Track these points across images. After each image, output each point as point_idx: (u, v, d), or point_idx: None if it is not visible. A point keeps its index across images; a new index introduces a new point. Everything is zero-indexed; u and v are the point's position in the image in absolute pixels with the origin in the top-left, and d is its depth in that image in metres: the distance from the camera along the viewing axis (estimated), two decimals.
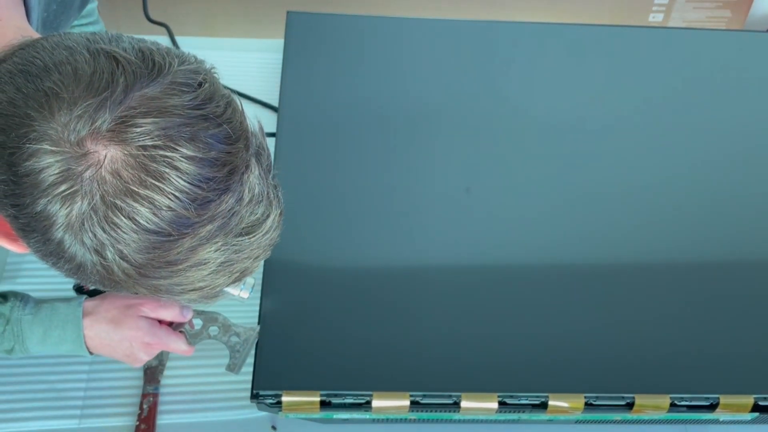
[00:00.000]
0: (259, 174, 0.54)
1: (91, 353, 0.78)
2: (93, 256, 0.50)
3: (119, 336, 0.77)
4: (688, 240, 0.93)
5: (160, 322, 0.80)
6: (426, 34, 1.14)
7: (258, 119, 0.57)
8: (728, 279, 0.90)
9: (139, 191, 0.48)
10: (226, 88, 0.55)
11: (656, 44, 1.17)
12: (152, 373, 0.87)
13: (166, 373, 0.88)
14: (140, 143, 0.48)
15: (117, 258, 0.50)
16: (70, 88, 0.48)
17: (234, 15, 1.37)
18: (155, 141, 0.48)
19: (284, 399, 0.76)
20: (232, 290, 0.77)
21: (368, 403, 0.77)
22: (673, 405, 0.79)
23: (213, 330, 0.82)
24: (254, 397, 0.76)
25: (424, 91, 1.06)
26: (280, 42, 1.11)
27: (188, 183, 0.49)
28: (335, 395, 0.76)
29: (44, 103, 0.48)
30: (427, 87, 1.07)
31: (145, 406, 0.85)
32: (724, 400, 0.79)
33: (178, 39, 1.24)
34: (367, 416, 0.79)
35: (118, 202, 0.48)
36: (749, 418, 0.82)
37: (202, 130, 0.50)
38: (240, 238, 0.53)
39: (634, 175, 0.98)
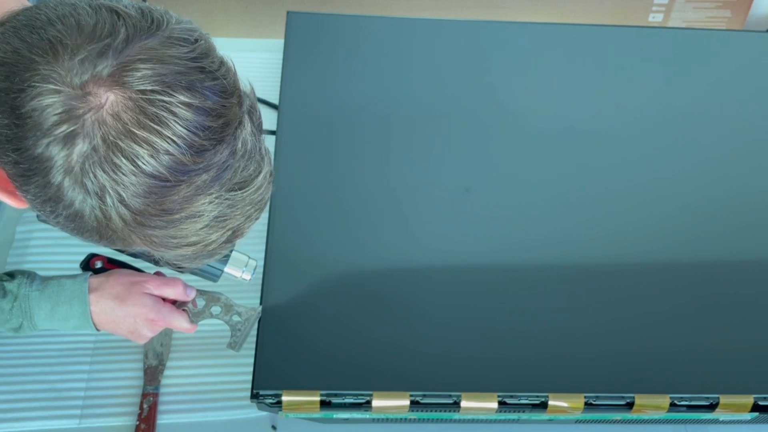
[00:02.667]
0: (252, 131, 0.56)
1: (97, 330, 0.79)
2: (93, 199, 0.52)
3: (124, 312, 0.78)
4: (688, 240, 0.93)
5: (164, 300, 0.81)
6: (426, 34, 1.14)
7: (250, 81, 0.59)
8: (728, 279, 0.90)
9: (139, 133, 0.50)
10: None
11: (656, 44, 1.17)
12: (152, 372, 0.87)
13: (166, 373, 0.88)
14: (139, 87, 0.50)
15: (116, 202, 0.52)
16: (73, 36, 0.50)
17: (234, 15, 1.37)
18: (154, 86, 0.50)
19: (284, 399, 0.76)
20: (235, 272, 0.79)
21: (368, 402, 0.77)
22: (672, 405, 0.79)
23: (215, 309, 0.83)
24: (254, 396, 0.76)
25: (424, 91, 1.06)
26: (280, 42, 1.11)
27: (185, 129, 0.51)
28: (335, 395, 0.77)
29: (48, 50, 0.50)
30: (426, 87, 1.07)
31: (145, 406, 0.85)
32: (723, 399, 0.79)
33: None
34: (367, 416, 0.79)
35: (119, 143, 0.50)
36: (749, 418, 0.82)
37: (198, 81, 0.52)
38: (233, 193, 0.55)
39: (634, 175, 0.98)
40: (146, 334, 0.80)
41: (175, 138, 0.51)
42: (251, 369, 0.78)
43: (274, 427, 0.86)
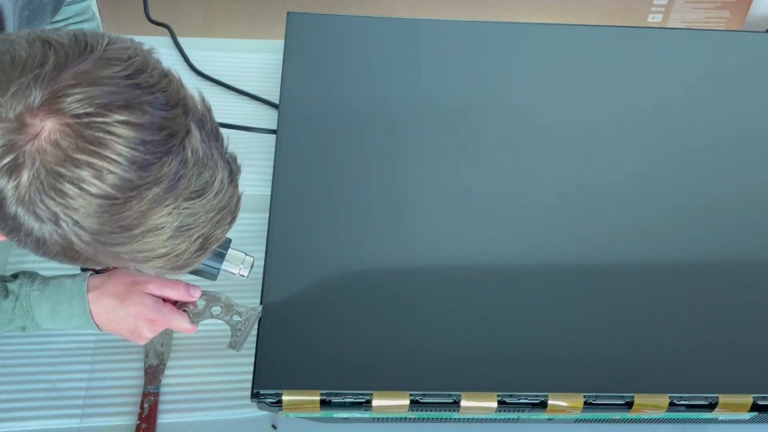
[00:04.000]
0: (202, 138, 0.56)
1: (99, 329, 0.79)
2: (48, 225, 0.53)
3: (124, 312, 0.78)
4: (688, 240, 0.93)
5: (165, 301, 0.81)
6: (426, 35, 1.14)
7: (199, 91, 0.59)
8: (728, 279, 0.90)
9: (79, 157, 0.51)
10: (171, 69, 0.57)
11: (655, 45, 1.17)
12: (153, 372, 0.88)
13: (166, 372, 0.88)
14: (73, 112, 0.50)
15: (72, 227, 0.53)
16: (7, 73, 0.51)
17: (234, 15, 1.37)
18: (87, 109, 0.51)
19: (284, 398, 0.76)
20: (232, 269, 0.79)
21: (368, 402, 0.77)
22: (672, 404, 0.79)
23: (215, 309, 0.83)
24: (255, 396, 0.76)
25: (424, 92, 1.06)
26: (280, 43, 1.11)
27: (125, 146, 0.51)
28: (335, 394, 0.77)
29: None
30: (426, 87, 1.07)
31: (145, 406, 0.85)
32: (723, 399, 0.79)
33: (179, 39, 1.25)
34: (367, 415, 0.80)
35: (61, 170, 0.51)
36: (748, 418, 0.82)
37: (134, 97, 0.52)
38: (191, 202, 0.56)
39: (634, 175, 0.98)
40: (146, 334, 0.80)
41: (115, 157, 0.51)
42: (251, 369, 0.78)
43: (274, 427, 0.86)
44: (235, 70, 1.20)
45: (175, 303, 0.82)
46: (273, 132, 0.99)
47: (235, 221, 0.63)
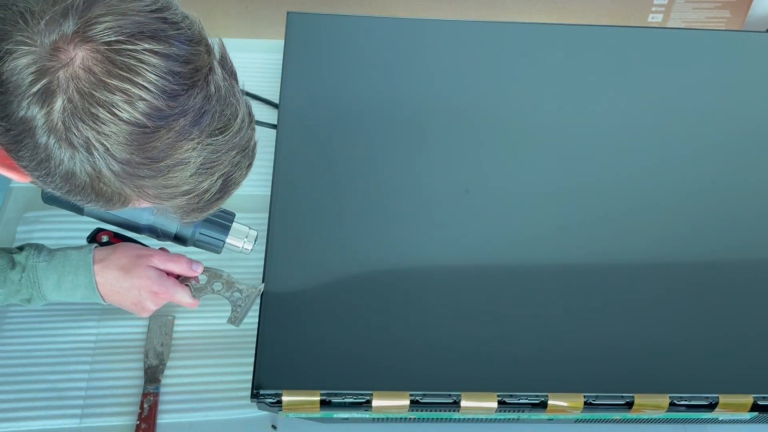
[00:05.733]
0: (223, 77, 0.59)
1: (104, 301, 0.81)
2: (81, 153, 0.54)
3: (128, 284, 0.80)
4: (687, 240, 0.93)
5: (168, 275, 0.83)
6: (426, 35, 1.14)
7: (221, 40, 0.61)
8: (728, 279, 0.90)
9: (111, 82, 0.52)
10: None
11: (656, 45, 1.17)
12: (153, 372, 0.88)
13: (166, 372, 0.88)
14: (104, 40, 0.52)
15: (103, 153, 0.54)
16: (39, 4, 0.53)
17: (234, 15, 1.37)
18: (118, 37, 0.53)
19: (284, 398, 0.76)
20: (236, 242, 0.82)
21: (368, 402, 0.77)
22: (672, 404, 0.79)
23: (217, 285, 0.85)
24: (254, 396, 0.76)
25: (424, 92, 1.06)
26: (280, 42, 1.11)
27: (155, 75, 0.53)
28: (335, 394, 0.77)
29: (19, 20, 0.53)
30: (426, 87, 1.07)
31: (145, 406, 0.85)
32: (723, 399, 0.79)
33: None
34: (367, 415, 0.80)
35: (94, 93, 0.52)
36: (748, 418, 0.82)
37: (161, 30, 0.54)
38: (214, 138, 0.57)
39: (634, 176, 0.98)
40: (149, 306, 0.82)
41: (146, 84, 0.53)
42: (251, 369, 0.78)
43: (274, 427, 0.86)
44: None
45: (177, 277, 0.84)
46: (273, 126, 0.99)
47: (251, 167, 0.65)
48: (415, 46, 1.13)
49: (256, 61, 1.23)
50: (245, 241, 0.81)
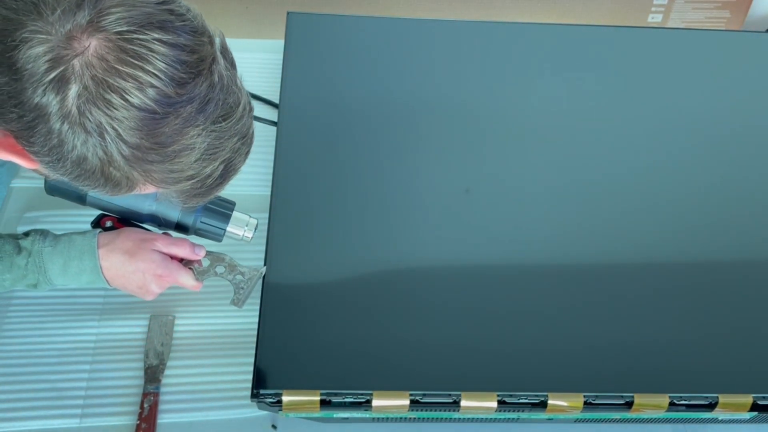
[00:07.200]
0: (225, 66, 0.61)
1: (109, 285, 0.82)
2: (94, 138, 0.56)
3: (133, 267, 0.81)
4: (687, 240, 0.93)
5: (172, 258, 0.84)
6: (426, 35, 1.14)
7: (221, 31, 0.63)
8: (728, 279, 0.90)
9: (123, 69, 0.55)
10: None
11: (655, 45, 1.17)
12: (153, 372, 0.88)
13: (166, 372, 0.88)
14: (116, 29, 0.55)
15: (114, 138, 0.56)
16: None
17: (234, 15, 1.37)
18: (129, 27, 0.55)
19: (284, 398, 0.76)
20: (237, 230, 0.84)
21: (368, 402, 0.77)
22: (672, 404, 0.79)
23: (219, 268, 0.86)
24: (255, 396, 0.76)
25: (424, 92, 1.06)
26: (280, 42, 1.11)
27: (164, 63, 0.56)
28: (335, 394, 0.77)
29: (32, 10, 0.55)
30: (426, 87, 1.07)
31: (146, 405, 0.85)
32: (722, 399, 0.79)
33: None
34: (367, 415, 0.80)
35: (107, 79, 0.54)
36: (748, 417, 0.82)
37: (168, 21, 0.57)
38: (218, 125, 0.60)
39: (634, 176, 0.98)
40: (154, 289, 0.83)
41: (156, 72, 0.55)
42: (251, 369, 0.78)
43: (274, 426, 0.86)
44: None
45: (181, 261, 0.85)
46: (274, 123, 0.99)
47: (249, 154, 0.67)
48: (415, 46, 1.13)
49: (256, 61, 1.23)
50: (245, 229, 0.83)
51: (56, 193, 0.81)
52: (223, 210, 0.83)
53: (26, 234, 0.81)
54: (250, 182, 1.04)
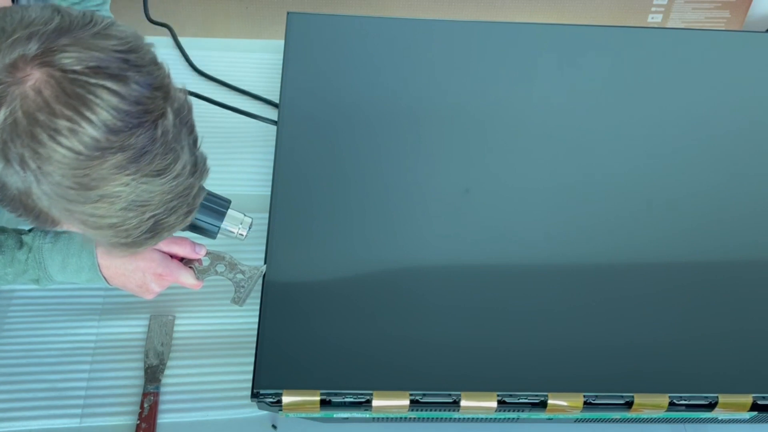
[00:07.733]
0: (174, 124, 0.60)
1: (109, 284, 0.82)
2: (15, 167, 0.56)
3: (133, 266, 0.81)
4: (687, 240, 0.93)
5: (172, 257, 0.84)
6: (425, 35, 1.14)
7: (184, 86, 0.63)
8: (728, 279, 0.90)
9: (58, 107, 0.54)
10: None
11: (655, 45, 1.17)
12: (153, 372, 0.88)
13: (166, 372, 0.88)
14: (63, 67, 0.55)
15: (35, 172, 0.56)
16: (13, 25, 0.56)
17: (234, 15, 1.37)
18: (75, 67, 0.55)
19: (284, 398, 0.76)
20: (231, 228, 0.82)
21: (368, 402, 0.77)
22: (672, 404, 0.79)
23: (220, 267, 0.86)
24: (255, 396, 0.76)
25: (424, 92, 1.06)
26: (280, 43, 1.11)
27: (101, 108, 0.55)
28: (335, 394, 0.77)
29: None
30: (426, 87, 1.07)
31: (146, 405, 0.85)
32: (722, 399, 0.79)
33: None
34: (368, 415, 0.80)
35: (38, 116, 0.54)
36: (747, 417, 0.82)
37: (121, 69, 0.56)
38: (150, 179, 0.59)
39: (633, 176, 0.98)
40: (154, 288, 0.83)
41: (90, 115, 0.55)
42: (251, 368, 0.78)
43: (274, 426, 0.86)
44: (235, 70, 1.20)
45: (181, 260, 0.85)
46: (274, 123, 0.99)
47: (191, 215, 0.66)
48: (415, 46, 1.13)
49: (256, 61, 1.23)
50: (240, 227, 0.82)
51: None
52: (218, 207, 0.83)
53: (30, 229, 0.81)
54: (250, 182, 1.04)
